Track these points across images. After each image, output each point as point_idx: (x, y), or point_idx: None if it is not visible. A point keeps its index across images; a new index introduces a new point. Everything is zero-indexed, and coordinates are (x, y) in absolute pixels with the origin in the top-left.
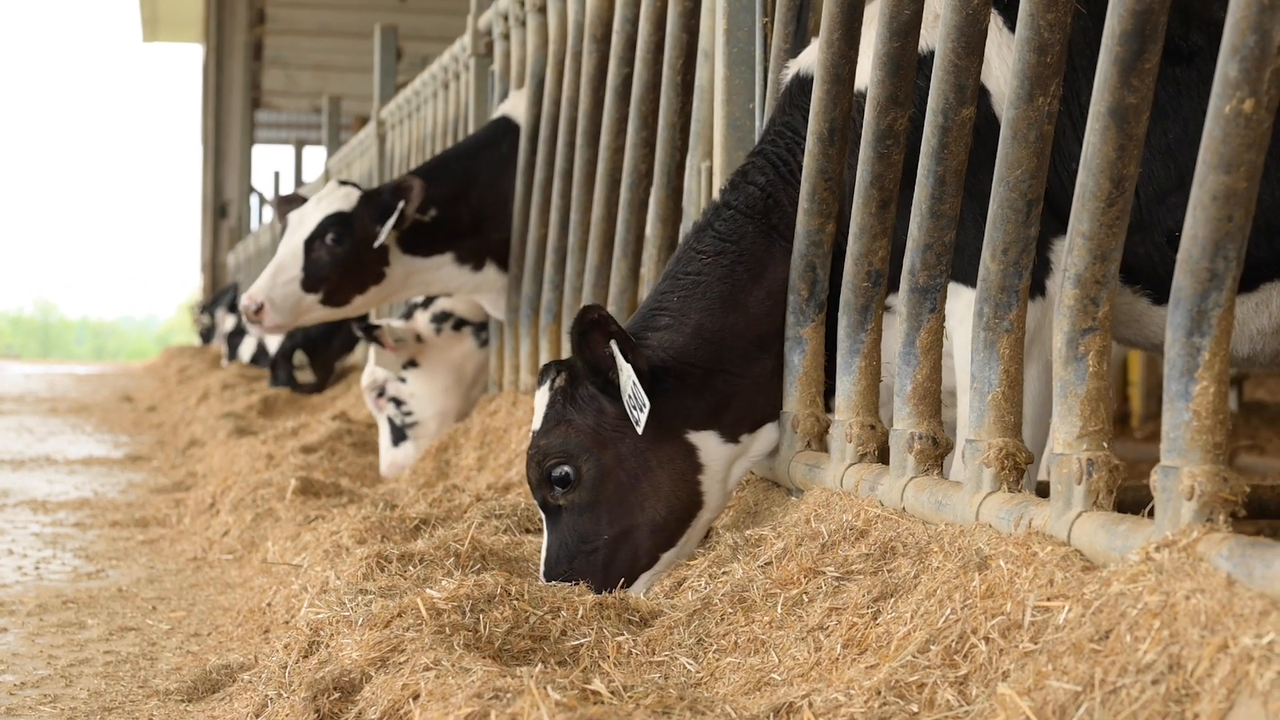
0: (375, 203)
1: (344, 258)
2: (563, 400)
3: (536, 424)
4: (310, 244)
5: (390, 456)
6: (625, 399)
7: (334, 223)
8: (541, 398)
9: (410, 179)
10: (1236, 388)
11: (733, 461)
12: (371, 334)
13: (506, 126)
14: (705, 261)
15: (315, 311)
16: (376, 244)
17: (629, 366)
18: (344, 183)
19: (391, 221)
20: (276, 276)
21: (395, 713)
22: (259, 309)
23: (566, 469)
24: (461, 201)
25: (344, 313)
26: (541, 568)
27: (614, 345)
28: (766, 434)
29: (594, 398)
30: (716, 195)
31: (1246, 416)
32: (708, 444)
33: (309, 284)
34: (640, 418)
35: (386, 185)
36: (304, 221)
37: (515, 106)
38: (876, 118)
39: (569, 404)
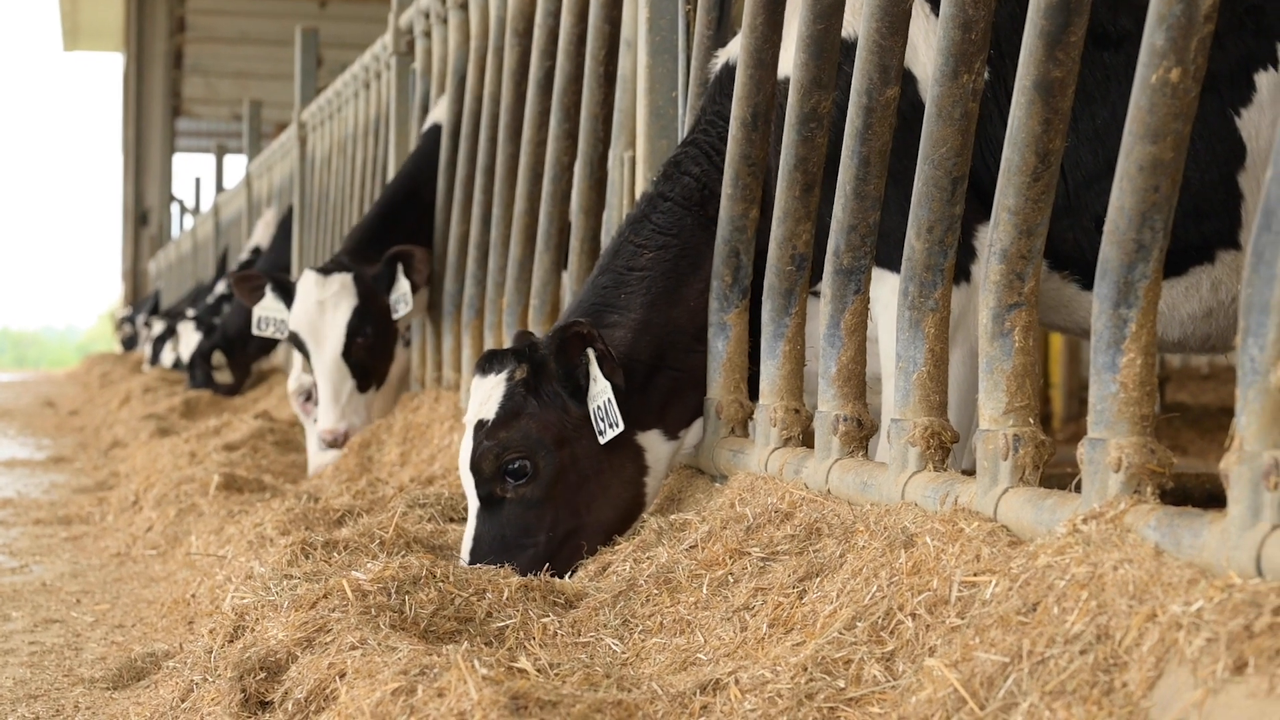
0: (375, 278)
1: (376, 345)
2: (524, 393)
3: (487, 413)
4: (348, 354)
5: (320, 460)
6: (593, 409)
7: (357, 322)
8: (491, 386)
9: (411, 249)
10: (1159, 390)
11: (672, 458)
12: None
13: (439, 135)
14: (649, 256)
15: (373, 397)
16: (398, 317)
17: (607, 384)
18: (322, 271)
19: (411, 298)
20: (338, 401)
21: (322, 691)
22: (345, 436)
23: (525, 462)
24: (415, 227)
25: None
26: (465, 556)
27: (593, 358)
28: (699, 426)
29: (558, 396)
30: (648, 186)
31: (1169, 418)
32: (653, 444)
33: (364, 385)
34: (608, 433)
35: (384, 258)
36: (325, 335)
37: (440, 115)
38: (800, 101)
39: (531, 397)
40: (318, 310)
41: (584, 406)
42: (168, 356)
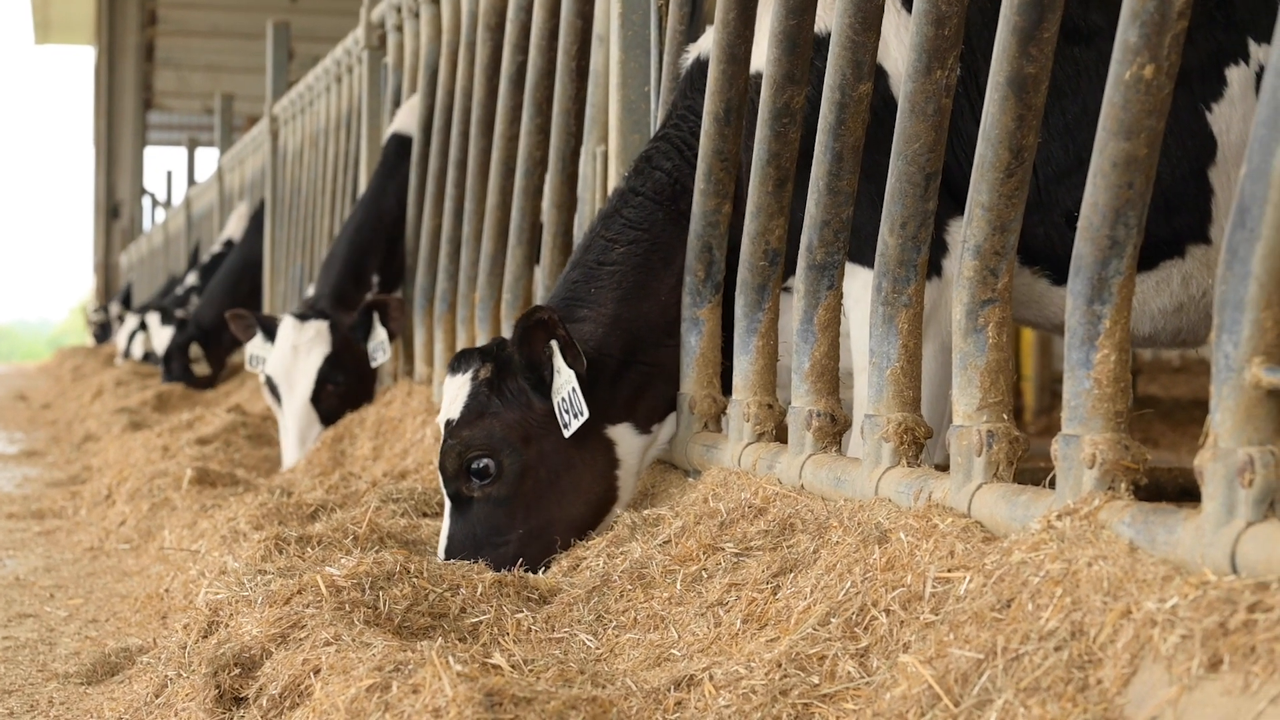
0: (352, 326)
1: (349, 392)
2: (488, 391)
3: (453, 412)
4: (316, 400)
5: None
6: (558, 401)
7: (328, 369)
8: (459, 386)
9: (386, 299)
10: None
11: (645, 452)
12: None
13: (399, 145)
14: (620, 251)
15: None
16: (376, 365)
17: (571, 373)
18: (300, 316)
19: (388, 346)
20: (302, 445)
21: (297, 687)
22: None
23: (488, 462)
24: (392, 246)
25: None
26: (440, 554)
27: (555, 347)
28: (672, 421)
29: (522, 392)
30: (620, 181)
31: (1140, 411)
32: (624, 438)
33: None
34: (572, 424)
35: (361, 308)
36: (296, 380)
37: (404, 122)
38: (773, 96)
39: (495, 395)
40: (292, 355)
41: (548, 401)
42: (137, 349)
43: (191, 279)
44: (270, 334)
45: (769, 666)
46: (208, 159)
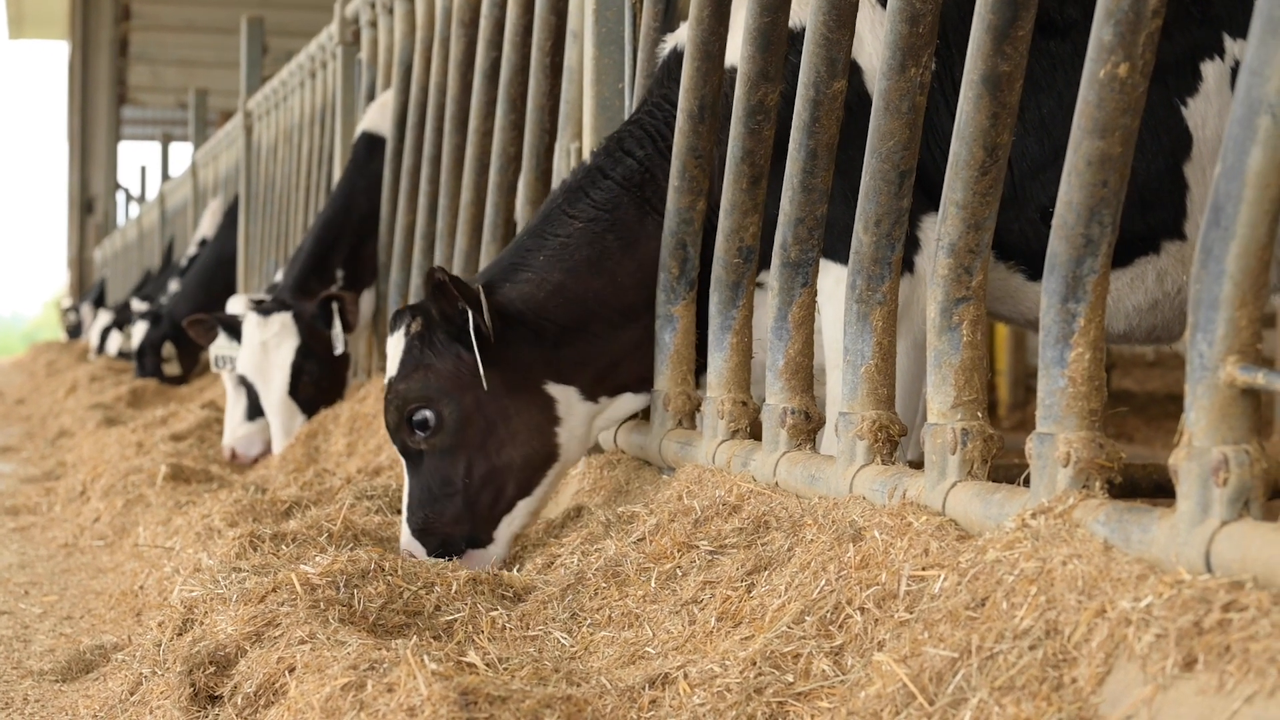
0: (315, 316)
1: (324, 378)
2: (420, 345)
3: (392, 370)
4: (294, 391)
5: (245, 430)
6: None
7: (300, 360)
8: (396, 344)
9: (342, 295)
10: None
11: (591, 419)
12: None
13: (370, 143)
14: (578, 226)
15: None
16: (338, 353)
17: (469, 315)
18: (261, 309)
19: (344, 341)
20: (288, 435)
21: (271, 686)
22: None
23: (427, 413)
24: (355, 242)
25: None
26: (404, 513)
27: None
28: (626, 401)
29: (451, 343)
30: (589, 157)
31: (1114, 405)
32: (567, 398)
33: (310, 416)
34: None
35: (317, 302)
36: (271, 376)
37: (374, 121)
38: (747, 93)
39: (427, 349)
40: (262, 351)
41: (474, 352)
42: (113, 345)
43: (174, 286)
44: (232, 331)
45: (744, 665)
46: (182, 154)
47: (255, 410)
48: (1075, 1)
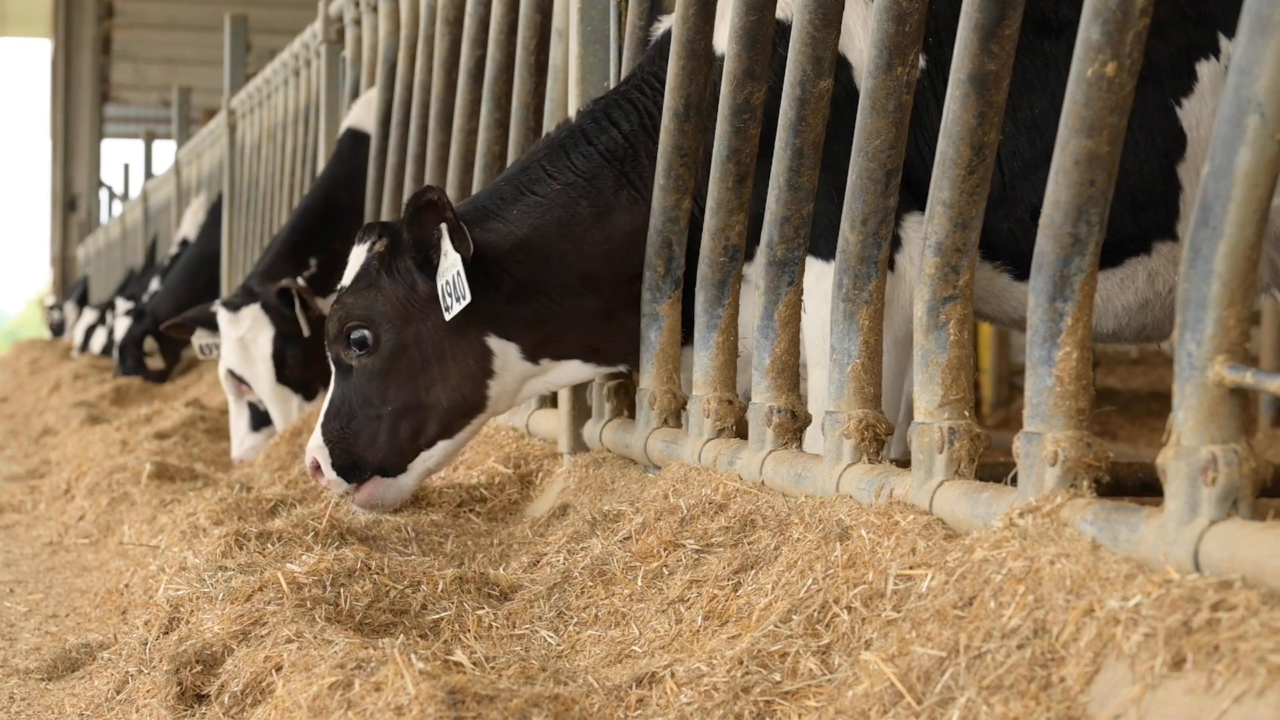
0: (281, 303)
1: (308, 356)
2: (378, 265)
3: (346, 280)
4: (283, 378)
5: (251, 441)
6: (442, 284)
7: (280, 346)
8: (357, 257)
9: (290, 286)
10: None
11: (526, 379)
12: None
13: (355, 139)
14: (555, 188)
15: None
16: (308, 334)
17: (457, 256)
18: (229, 305)
19: (303, 317)
20: (290, 419)
21: (258, 684)
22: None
23: (366, 333)
24: (333, 236)
25: None
26: (321, 419)
27: (444, 230)
28: (569, 369)
29: (409, 272)
30: (575, 117)
31: (1098, 403)
32: (506, 354)
33: (310, 394)
34: (454, 308)
35: (275, 293)
36: (257, 369)
37: (359, 117)
38: (733, 92)
39: (384, 271)
40: (241, 348)
41: (432, 284)
42: (97, 343)
43: (155, 285)
44: (207, 325)
45: (730, 664)
46: (165, 152)
47: (258, 420)
48: (1070, 1)
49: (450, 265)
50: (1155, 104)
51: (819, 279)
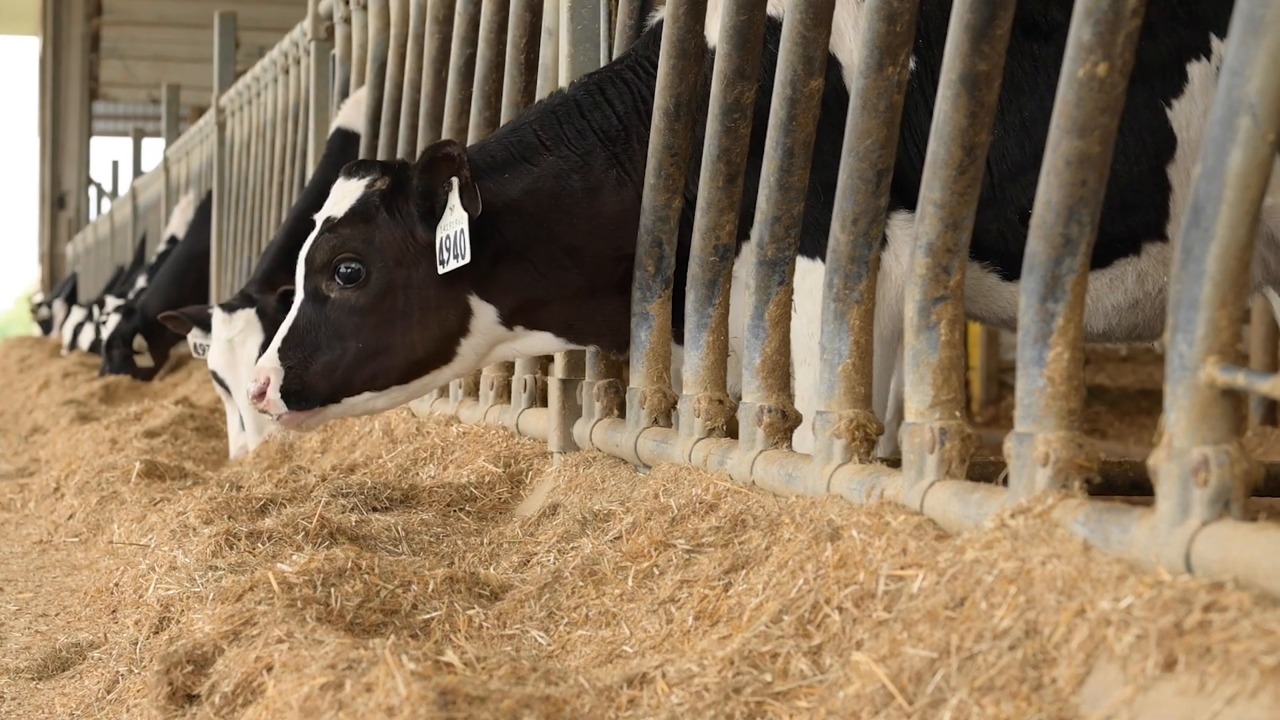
0: (277, 310)
1: None
2: (378, 202)
3: (337, 210)
4: None
5: (241, 441)
6: (442, 238)
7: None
8: (351, 188)
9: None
10: None
11: (496, 343)
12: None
13: (344, 139)
14: (548, 159)
15: None
16: None
17: (465, 215)
18: (226, 306)
19: None
20: (261, 431)
21: (249, 685)
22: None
23: (359, 267)
24: None
25: None
26: (276, 344)
27: (455, 185)
28: (540, 340)
29: (411, 217)
30: (569, 88)
31: (1087, 401)
32: (484, 315)
33: None
34: (450, 264)
35: (278, 296)
36: (239, 371)
37: (349, 117)
38: (723, 91)
39: (384, 208)
40: (229, 350)
41: (432, 234)
42: (85, 340)
43: (141, 282)
44: (205, 326)
45: (721, 664)
46: (154, 149)
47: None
48: (1060, 4)
49: (455, 221)
50: (1145, 104)
51: (803, 276)
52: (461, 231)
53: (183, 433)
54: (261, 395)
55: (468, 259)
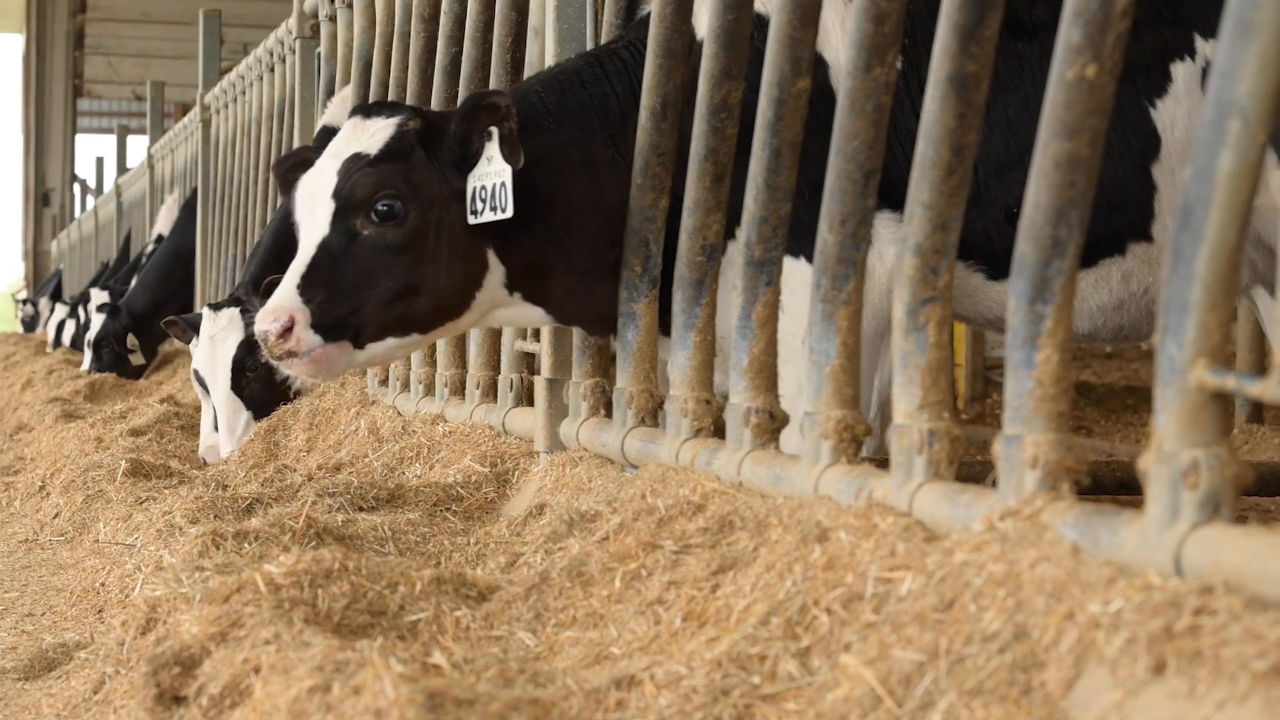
0: (256, 309)
1: (270, 375)
2: (415, 142)
3: (370, 146)
4: (237, 387)
5: (214, 440)
6: (476, 188)
7: (243, 355)
8: (380, 126)
9: (279, 279)
10: None
11: (495, 307)
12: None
13: (330, 138)
14: (550, 125)
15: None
16: None
17: (507, 168)
18: (213, 307)
19: None
20: (233, 433)
21: (237, 687)
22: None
23: (398, 204)
24: None
25: None
26: (294, 280)
27: (496, 135)
28: (532, 313)
29: (445, 162)
30: (567, 60)
31: (1074, 398)
32: (495, 274)
33: (260, 415)
34: (483, 215)
35: (261, 290)
36: (217, 371)
37: (335, 115)
38: (710, 91)
39: (420, 148)
40: (210, 346)
41: (463, 181)
42: (68, 336)
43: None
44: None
45: (710, 666)
46: (138, 146)
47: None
48: (1044, 2)
49: (495, 173)
50: (1130, 104)
51: (787, 275)
52: (503, 185)
53: (168, 431)
54: (286, 333)
55: (509, 213)
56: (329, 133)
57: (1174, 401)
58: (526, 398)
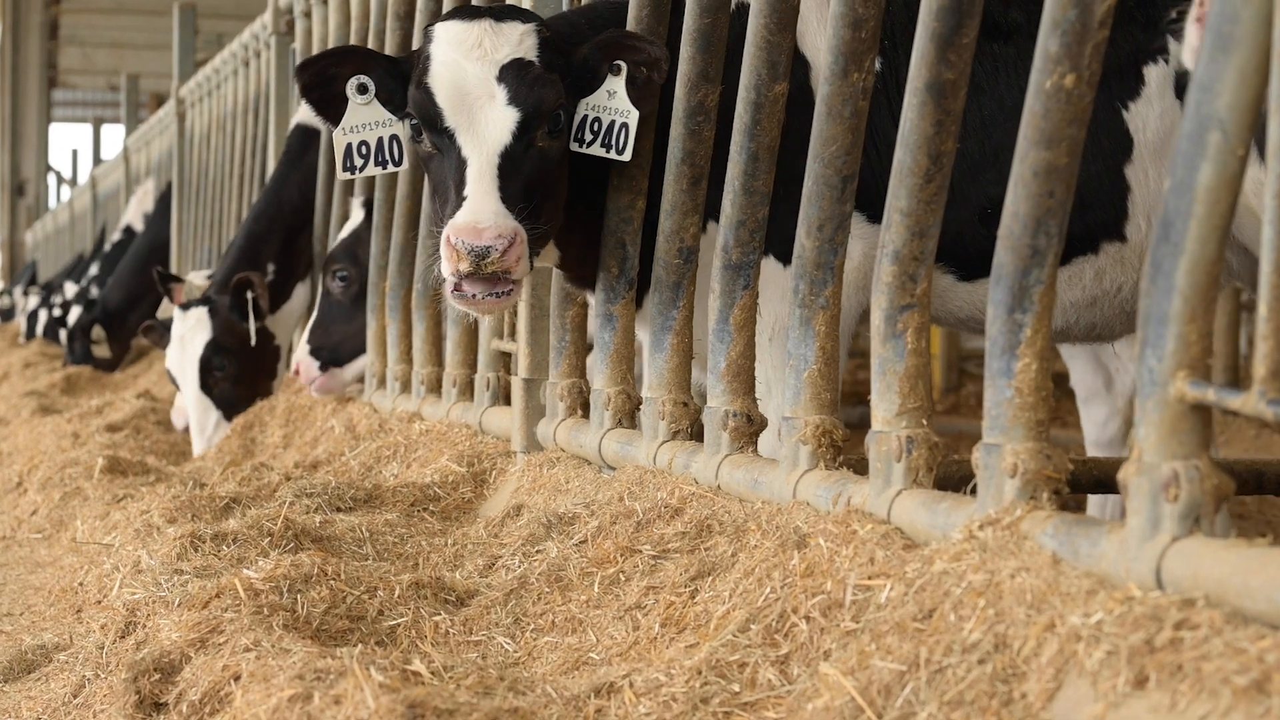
0: (228, 307)
1: (241, 374)
2: (551, 55)
3: (523, 52)
4: (206, 387)
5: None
6: (591, 118)
7: (209, 354)
8: (520, 32)
9: (248, 276)
10: None
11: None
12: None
13: (304, 136)
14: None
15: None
16: (254, 342)
17: (635, 111)
18: (184, 306)
19: (254, 319)
20: (203, 432)
21: (217, 694)
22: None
23: (562, 118)
24: (292, 236)
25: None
26: (491, 202)
27: (624, 70)
28: (549, 258)
29: (562, 81)
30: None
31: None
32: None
33: (230, 414)
34: (596, 150)
35: (230, 288)
36: (186, 371)
37: (308, 113)
38: (687, 94)
39: (563, 58)
40: (179, 346)
41: (573, 105)
42: (41, 327)
43: (95, 270)
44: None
45: (689, 673)
46: (113, 136)
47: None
48: (1020, 5)
49: (622, 113)
50: (1103, 106)
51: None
52: (625, 126)
53: (144, 426)
54: (508, 250)
55: (627, 158)
56: (303, 131)
57: (1154, 413)
58: (504, 397)
